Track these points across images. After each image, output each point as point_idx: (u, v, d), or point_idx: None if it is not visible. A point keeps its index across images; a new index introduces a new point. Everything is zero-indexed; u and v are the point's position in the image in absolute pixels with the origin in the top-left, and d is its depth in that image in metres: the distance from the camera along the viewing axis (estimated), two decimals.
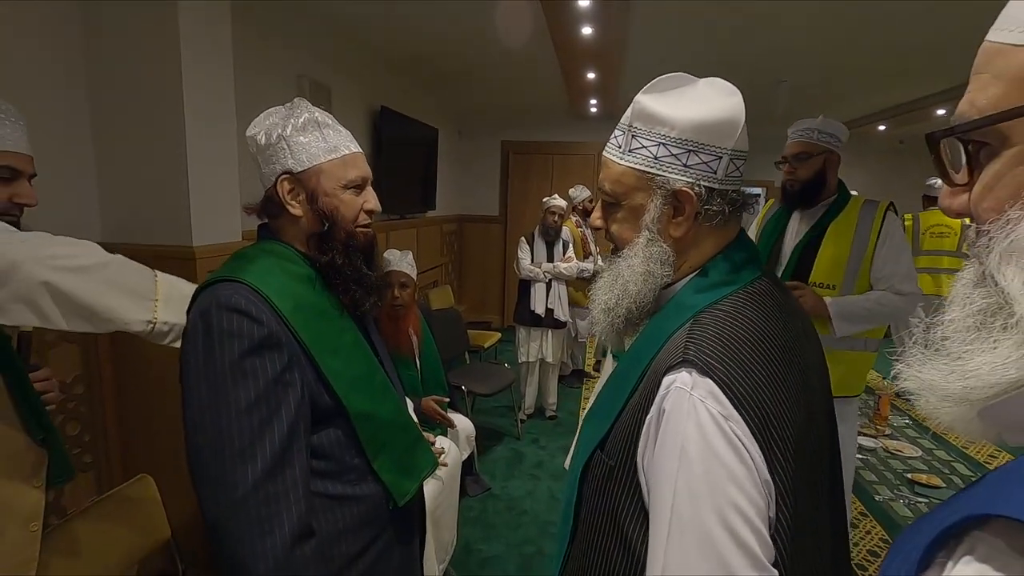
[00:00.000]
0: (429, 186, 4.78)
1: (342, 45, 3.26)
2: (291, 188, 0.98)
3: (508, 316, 6.35)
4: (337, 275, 0.99)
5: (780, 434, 0.62)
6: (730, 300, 0.70)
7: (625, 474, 0.68)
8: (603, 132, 5.96)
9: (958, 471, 3.35)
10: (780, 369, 0.65)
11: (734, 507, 0.58)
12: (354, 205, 1.00)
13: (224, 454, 0.83)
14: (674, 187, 0.71)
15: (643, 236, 0.74)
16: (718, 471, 0.58)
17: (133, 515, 1.39)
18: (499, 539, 2.56)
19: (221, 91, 1.91)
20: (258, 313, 0.88)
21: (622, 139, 0.76)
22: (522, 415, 3.89)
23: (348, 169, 0.99)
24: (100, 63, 1.75)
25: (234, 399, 0.84)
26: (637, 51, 3.44)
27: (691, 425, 0.60)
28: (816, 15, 2.78)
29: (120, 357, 1.86)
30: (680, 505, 0.59)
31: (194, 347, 0.88)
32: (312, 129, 0.98)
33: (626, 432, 0.68)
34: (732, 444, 0.59)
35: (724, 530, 0.57)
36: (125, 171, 1.79)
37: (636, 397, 0.69)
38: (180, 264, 1.76)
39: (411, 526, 1.11)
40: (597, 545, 0.72)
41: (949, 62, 3.61)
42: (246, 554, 0.82)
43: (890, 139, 6.85)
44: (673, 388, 0.63)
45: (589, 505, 0.74)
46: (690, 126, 0.71)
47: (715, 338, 0.65)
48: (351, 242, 1.00)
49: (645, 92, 0.75)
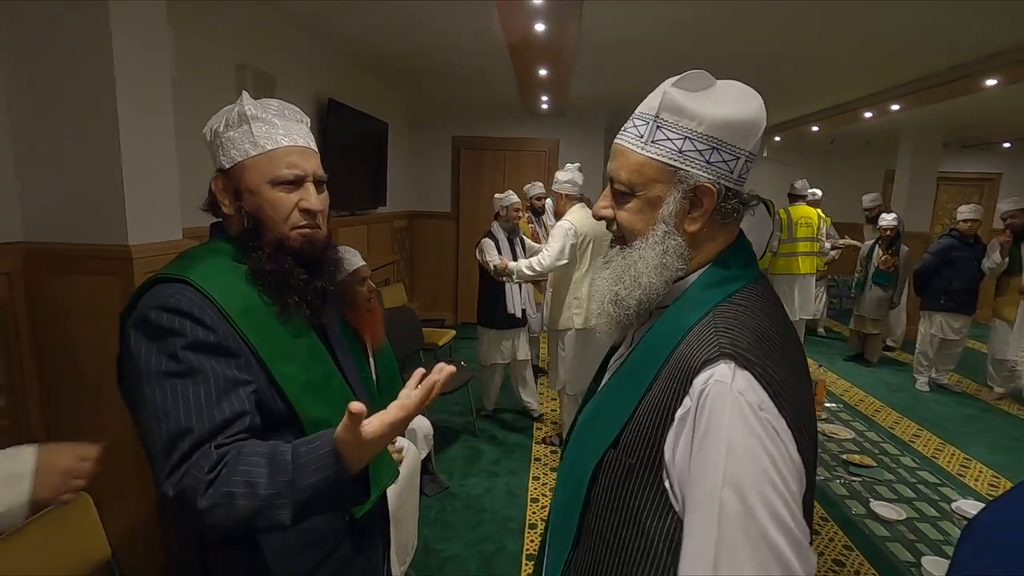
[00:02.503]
0: (379, 182, 4.67)
1: (288, 34, 3.12)
2: (222, 186, 0.93)
3: (462, 313, 6.31)
4: (264, 281, 0.91)
5: (806, 422, 0.66)
6: (743, 295, 0.72)
7: (648, 471, 0.68)
8: (554, 128, 6.02)
9: (887, 451, 3.59)
10: (797, 360, 0.69)
11: (779, 495, 0.60)
12: (283, 204, 0.91)
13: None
14: (697, 182, 0.72)
15: (660, 228, 0.73)
16: (764, 461, 0.61)
17: (70, 535, 1.28)
18: (459, 538, 2.54)
19: (157, 75, 1.78)
20: (201, 314, 0.83)
21: (644, 129, 0.74)
22: (485, 412, 3.90)
23: (276, 165, 0.91)
24: (17, 43, 1.59)
25: (157, 390, 0.80)
26: (589, 48, 3.47)
27: (736, 417, 0.62)
28: (751, 26, 2.89)
29: (49, 366, 1.72)
30: (728, 496, 0.60)
31: (136, 358, 0.82)
32: (241, 124, 0.92)
33: (648, 428, 0.68)
34: (772, 435, 0.62)
35: (771, 518, 0.59)
36: (49, 163, 1.64)
37: (657, 391, 0.69)
38: (115, 265, 1.65)
39: (372, 533, 1.08)
40: (612, 545, 0.71)
41: (873, 70, 3.85)
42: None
43: (822, 139, 7.24)
44: (712, 382, 0.64)
45: (601, 505, 0.73)
46: (718, 124, 0.71)
47: (744, 331, 0.67)
48: (282, 246, 0.92)
49: (676, 85, 0.73)
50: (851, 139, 7.32)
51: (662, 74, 0.82)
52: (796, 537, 0.60)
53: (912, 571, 2.42)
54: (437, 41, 3.48)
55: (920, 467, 3.39)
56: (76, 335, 1.69)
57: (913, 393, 4.65)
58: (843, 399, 4.46)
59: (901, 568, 2.43)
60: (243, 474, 0.76)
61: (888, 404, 4.38)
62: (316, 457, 0.76)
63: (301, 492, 0.75)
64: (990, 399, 4.50)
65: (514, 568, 2.35)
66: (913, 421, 4.08)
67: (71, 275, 1.67)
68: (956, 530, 2.74)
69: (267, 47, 2.91)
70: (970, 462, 3.48)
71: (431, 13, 2.96)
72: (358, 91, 4.26)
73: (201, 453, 0.78)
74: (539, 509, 2.79)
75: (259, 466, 0.77)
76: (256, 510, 0.75)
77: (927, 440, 3.78)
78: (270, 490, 0.75)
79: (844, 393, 4.60)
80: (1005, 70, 3.41)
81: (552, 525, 0.84)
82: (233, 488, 0.75)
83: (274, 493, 0.75)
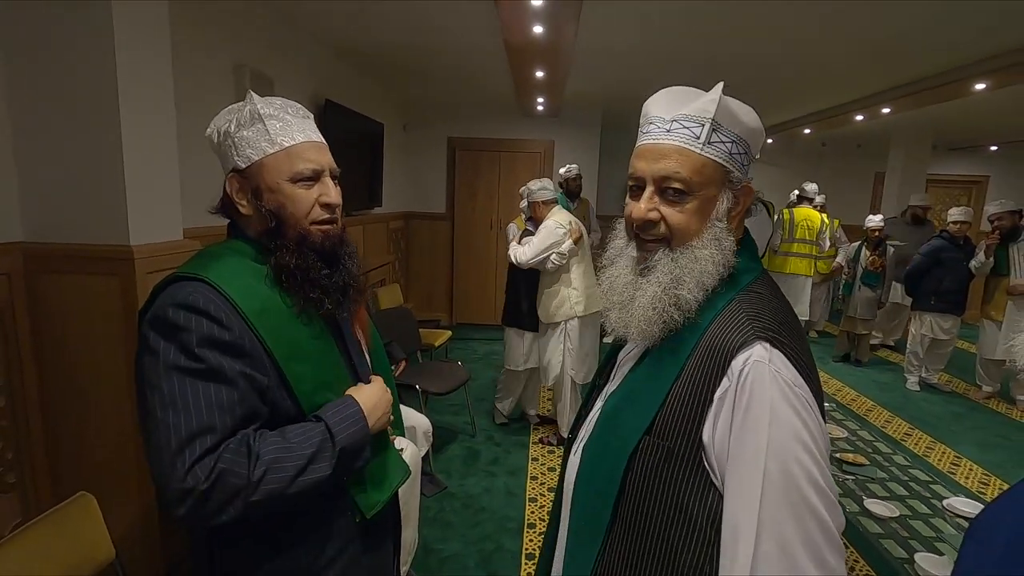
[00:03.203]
0: (375, 182, 4.67)
1: (286, 35, 3.12)
2: (239, 186, 0.93)
3: (457, 314, 6.31)
4: (288, 277, 0.92)
5: (821, 397, 0.73)
6: (758, 284, 0.78)
7: (688, 452, 0.72)
8: (549, 129, 6.04)
9: (880, 450, 3.64)
10: (807, 343, 0.76)
11: (815, 460, 0.67)
12: (304, 200, 0.93)
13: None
14: (743, 183, 0.78)
15: (716, 228, 0.77)
16: (802, 431, 0.67)
17: (73, 537, 1.28)
18: (458, 537, 2.54)
19: (159, 74, 1.78)
20: (217, 313, 0.83)
21: (700, 131, 0.76)
22: (503, 420, 3.77)
23: (294, 161, 0.92)
24: (19, 43, 1.58)
25: (176, 385, 0.81)
26: (585, 50, 3.49)
27: (776, 392, 0.67)
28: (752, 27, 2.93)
29: (47, 366, 1.71)
30: (771, 464, 0.66)
31: (153, 354, 0.82)
32: (254, 122, 0.92)
33: (685, 411, 0.72)
34: (806, 407, 0.68)
35: (809, 482, 0.66)
36: (50, 163, 1.64)
37: (688, 376, 0.73)
38: (116, 265, 1.64)
39: (383, 533, 1.09)
40: (652, 531, 0.74)
41: (865, 72, 3.90)
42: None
43: (814, 141, 7.32)
44: (751, 362, 0.69)
45: (639, 492, 0.75)
46: (750, 131, 0.78)
47: (771, 316, 0.73)
48: (304, 241, 0.93)
49: (722, 93, 0.77)
50: (842, 141, 7.40)
51: (657, 76, 0.88)
52: (829, 497, 0.67)
53: (906, 568, 2.46)
54: (433, 42, 3.49)
55: (912, 465, 3.45)
56: (76, 335, 1.68)
57: (903, 392, 4.71)
58: (835, 399, 4.51)
59: (895, 565, 2.47)
60: (276, 443, 0.85)
61: (879, 403, 4.44)
62: (348, 415, 0.91)
63: (339, 443, 0.88)
64: (979, 398, 4.57)
65: (513, 567, 2.36)
66: (904, 420, 4.13)
67: (72, 275, 1.67)
68: (948, 527, 2.78)
69: (264, 48, 2.90)
70: (960, 460, 3.53)
71: (428, 15, 2.97)
72: (354, 92, 4.26)
73: (226, 446, 0.81)
74: (537, 508, 2.80)
75: (289, 433, 0.86)
76: (302, 468, 0.84)
77: (918, 439, 3.83)
78: (309, 449, 0.85)
79: (836, 393, 4.65)
80: (994, 74, 3.47)
81: (575, 525, 0.84)
82: (277, 453, 0.83)
83: (314, 452, 0.85)
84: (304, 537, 0.94)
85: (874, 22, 2.85)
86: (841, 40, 3.16)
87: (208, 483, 0.78)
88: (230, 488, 0.79)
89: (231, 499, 0.80)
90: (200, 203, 1.06)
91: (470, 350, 5.31)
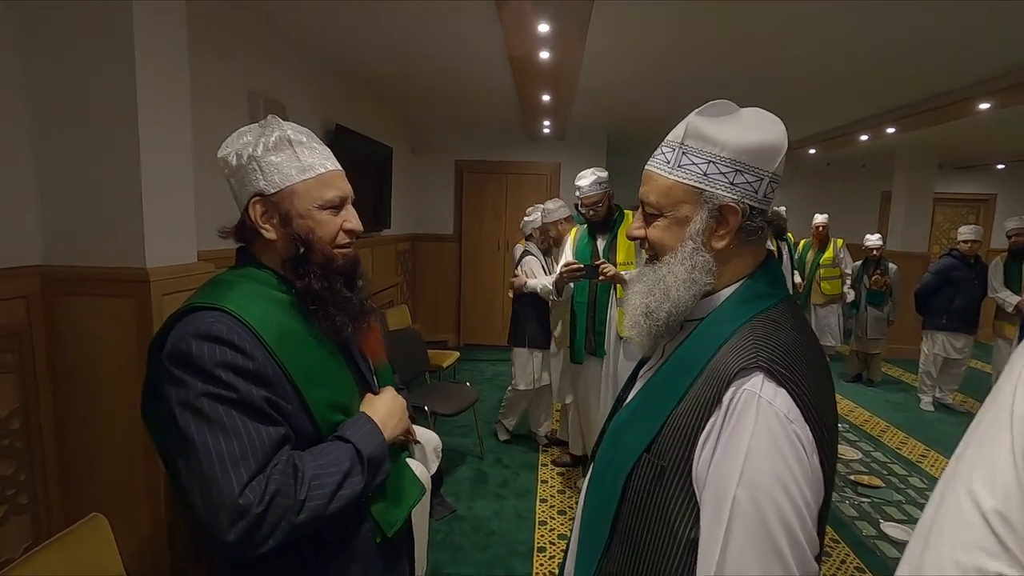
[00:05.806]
0: (383, 205, 4.73)
1: (296, 63, 3.20)
2: (264, 211, 0.93)
3: (465, 335, 6.31)
4: (315, 301, 0.93)
5: (832, 441, 0.69)
6: (776, 311, 0.76)
7: (678, 473, 0.71)
8: (555, 152, 6.11)
9: (895, 472, 3.57)
10: (825, 376, 0.73)
11: (791, 502, 0.63)
12: (332, 226, 0.96)
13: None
14: (721, 202, 0.76)
15: (688, 245, 0.78)
16: (781, 469, 0.63)
17: (85, 559, 1.28)
18: (468, 561, 2.51)
19: (177, 99, 1.82)
20: (241, 342, 0.83)
21: (671, 155, 0.80)
22: (506, 437, 3.83)
23: (324, 189, 0.94)
24: (41, 66, 1.63)
25: (211, 412, 0.81)
26: (590, 74, 3.56)
27: (760, 425, 0.65)
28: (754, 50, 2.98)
29: (62, 387, 1.72)
30: (742, 497, 0.63)
31: (180, 387, 0.82)
32: (284, 148, 0.93)
33: (682, 433, 0.71)
34: (793, 443, 0.64)
35: (780, 522, 0.62)
36: (69, 186, 1.67)
37: (691, 399, 0.72)
38: (132, 287, 1.66)
39: (400, 553, 1.08)
40: (643, 545, 0.74)
41: (869, 94, 3.94)
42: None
43: (818, 161, 7.35)
44: (743, 390, 0.67)
45: (634, 507, 0.75)
46: (740, 148, 0.76)
47: (779, 345, 0.70)
48: (330, 265, 0.95)
49: (699, 114, 0.79)
50: (846, 161, 7.43)
51: (663, 98, 0.89)
52: (800, 544, 0.63)
53: None
54: (441, 67, 3.57)
55: (929, 488, 3.37)
56: (92, 358, 1.70)
57: (917, 412, 4.64)
58: (848, 419, 4.45)
59: None
60: (312, 462, 0.86)
61: (893, 424, 4.37)
62: (367, 431, 0.93)
63: (366, 456, 0.90)
64: None
65: None
66: (919, 441, 4.06)
67: (88, 297, 1.69)
68: None
69: (277, 74, 2.98)
70: None
71: (436, 42, 3.04)
72: (364, 116, 4.35)
73: (273, 467, 0.82)
74: (547, 532, 2.76)
75: (319, 453, 0.88)
76: (339, 484, 0.86)
77: (934, 460, 3.76)
78: (345, 464, 0.88)
79: (849, 413, 4.59)
80: (999, 94, 3.49)
81: (583, 532, 0.86)
82: (316, 471, 0.85)
83: (349, 467, 0.88)
84: (329, 558, 0.93)
85: (877, 43, 2.89)
86: (843, 60, 3.20)
87: (263, 506, 0.78)
88: (280, 509, 0.80)
89: (279, 521, 0.80)
90: (213, 227, 1.06)
91: (477, 371, 5.30)
